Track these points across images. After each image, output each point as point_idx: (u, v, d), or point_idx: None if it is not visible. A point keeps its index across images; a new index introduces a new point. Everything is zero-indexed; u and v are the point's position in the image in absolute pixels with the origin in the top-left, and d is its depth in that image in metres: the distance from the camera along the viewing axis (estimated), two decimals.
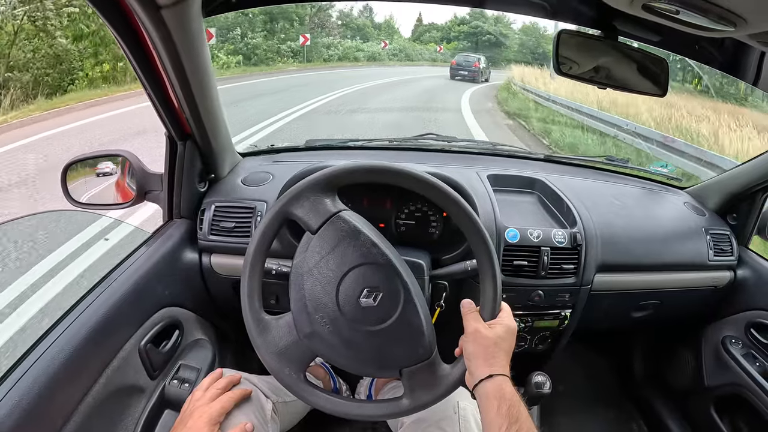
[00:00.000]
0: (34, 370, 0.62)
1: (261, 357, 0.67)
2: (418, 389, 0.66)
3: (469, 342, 0.64)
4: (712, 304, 1.20)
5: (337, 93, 9.44)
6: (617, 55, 0.85)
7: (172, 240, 0.94)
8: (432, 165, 1.05)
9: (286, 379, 0.66)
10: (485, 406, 0.59)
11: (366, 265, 0.65)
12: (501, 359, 0.62)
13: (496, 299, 0.66)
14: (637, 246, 1.06)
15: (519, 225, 0.96)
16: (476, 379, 0.61)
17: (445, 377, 0.66)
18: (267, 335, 0.67)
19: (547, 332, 1.06)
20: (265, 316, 0.68)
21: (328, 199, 0.67)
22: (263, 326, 0.67)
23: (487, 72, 14.67)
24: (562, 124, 7.11)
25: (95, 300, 0.75)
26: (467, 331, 0.66)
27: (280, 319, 0.68)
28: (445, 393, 0.66)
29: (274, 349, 0.66)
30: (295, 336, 0.66)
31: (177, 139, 0.90)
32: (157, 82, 0.77)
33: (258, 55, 15.23)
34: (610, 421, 1.38)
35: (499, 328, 0.64)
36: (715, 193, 1.22)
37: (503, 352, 0.63)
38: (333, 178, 0.67)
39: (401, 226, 1.02)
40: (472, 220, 0.66)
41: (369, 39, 20.78)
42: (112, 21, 0.63)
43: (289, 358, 0.66)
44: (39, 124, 6.19)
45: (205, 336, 1.01)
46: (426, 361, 0.66)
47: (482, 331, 0.64)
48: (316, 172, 0.67)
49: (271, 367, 0.67)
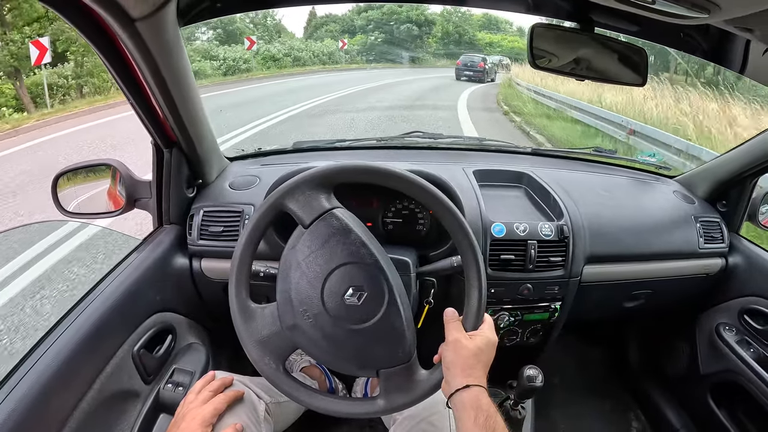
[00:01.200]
0: (27, 379, 0.63)
1: (243, 345, 0.68)
2: (394, 391, 0.67)
3: (449, 351, 0.65)
4: (704, 292, 1.20)
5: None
6: (596, 46, 0.85)
7: (162, 246, 0.96)
8: (418, 163, 1.06)
9: (266, 369, 0.67)
10: (462, 416, 0.59)
11: (353, 264, 0.65)
12: (479, 371, 0.62)
13: (480, 311, 0.67)
14: (626, 236, 1.06)
15: (505, 219, 0.97)
16: (453, 388, 0.61)
17: (421, 382, 0.67)
18: (251, 323, 0.67)
19: (538, 325, 1.06)
20: (251, 304, 0.69)
21: (323, 196, 0.68)
22: (249, 314, 0.68)
23: (493, 72, 14.74)
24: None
25: (87, 308, 0.76)
26: (448, 340, 0.66)
27: (265, 308, 0.68)
28: (421, 397, 0.67)
29: (257, 337, 0.67)
30: (278, 326, 0.66)
31: (163, 147, 0.91)
32: (138, 91, 0.78)
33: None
34: (607, 412, 1.38)
35: (479, 340, 0.65)
36: (704, 180, 1.22)
37: (482, 364, 0.63)
38: (331, 175, 0.68)
39: (389, 225, 1.02)
40: (461, 226, 0.67)
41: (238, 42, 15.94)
42: (89, 34, 0.64)
43: (270, 348, 0.67)
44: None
45: (198, 340, 1.02)
46: (404, 365, 0.66)
47: (462, 341, 0.64)
48: (314, 168, 0.68)
49: (252, 356, 0.67)
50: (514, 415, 0.92)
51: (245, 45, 15.13)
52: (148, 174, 0.99)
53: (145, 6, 0.60)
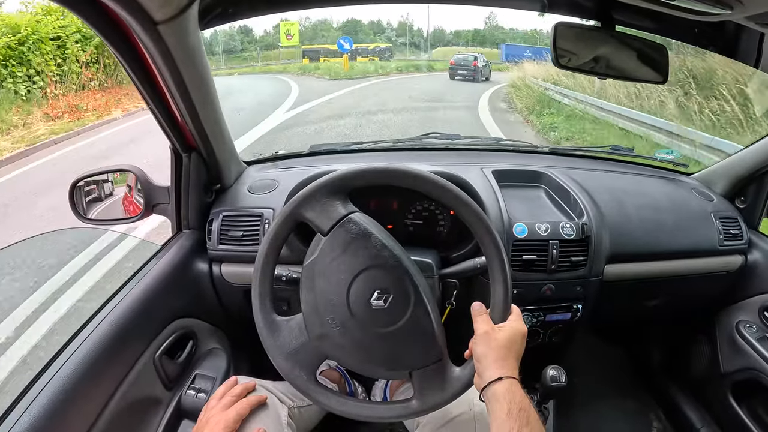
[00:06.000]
0: (49, 388, 0.63)
1: (272, 359, 0.67)
2: (427, 391, 0.66)
3: (479, 344, 0.64)
4: (724, 290, 1.19)
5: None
6: (616, 44, 0.84)
7: (182, 251, 0.95)
8: (437, 164, 1.05)
9: (297, 381, 0.66)
10: (495, 408, 0.58)
11: (376, 267, 0.65)
12: (511, 362, 0.61)
13: (507, 302, 0.66)
14: (645, 235, 1.05)
15: (526, 219, 0.96)
16: (485, 381, 0.60)
17: (454, 379, 0.66)
18: (278, 337, 0.67)
19: (561, 325, 1.05)
20: (276, 318, 0.68)
21: (339, 202, 0.67)
22: (274, 328, 0.67)
23: (486, 70, 14.68)
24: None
25: (107, 315, 0.76)
26: (477, 333, 0.65)
27: (290, 321, 0.68)
28: (455, 395, 0.66)
29: (285, 350, 0.66)
30: (306, 337, 0.66)
31: (182, 152, 0.91)
32: (158, 96, 0.77)
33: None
34: (628, 412, 1.37)
35: (509, 331, 0.64)
36: (722, 177, 1.21)
37: (513, 355, 0.63)
38: (344, 180, 0.67)
39: (409, 227, 1.02)
40: (482, 222, 0.66)
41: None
42: (110, 37, 0.63)
43: (300, 360, 0.66)
44: None
45: (219, 345, 1.01)
46: (436, 363, 0.66)
47: (492, 333, 0.64)
48: (327, 175, 0.67)
49: (282, 369, 0.67)
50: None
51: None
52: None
53: (169, 9, 0.59)
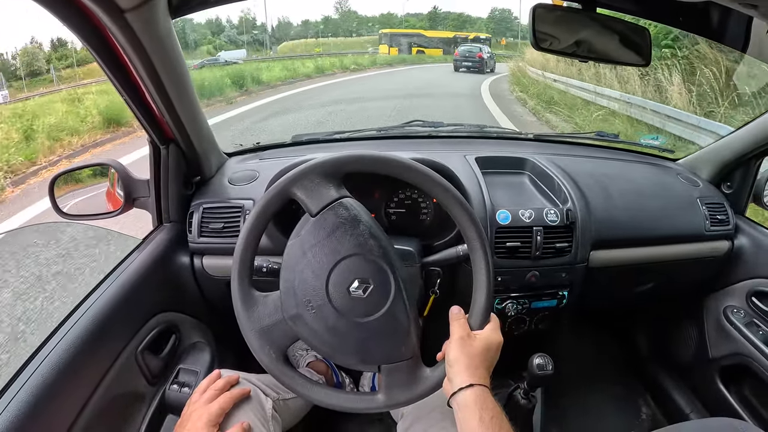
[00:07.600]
0: (29, 385, 0.62)
1: (244, 334, 0.66)
2: (395, 387, 0.65)
3: (453, 349, 0.63)
4: (711, 275, 1.19)
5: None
6: (597, 27, 0.83)
7: (163, 245, 0.94)
8: (419, 151, 1.04)
9: (266, 359, 0.65)
10: (465, 416, 0.57)
11: (360, 256, 0.64)
12: (482, 372, 0.61)
13: (487, 310, 0.66)
14: (631, 220, 1.05)
15: (510, 206, 0.95)
16: (456, 386, 0.59)
17: (424, 379, 0.65)
18: (252, 311, 0.66)
19: (547, 312, 1.05)
20: (253, 292, 0.67)
21: (332, 185, 0.66)
22: (250, 301, 0.66)
23: (491, 62, 14.64)
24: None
25: (87, 310, 0.75)
26: (453, 338, 0.64)
27: (267, 297, 0.67)
28: (422, 395, 0.65)
29: (258, 326, 0.65)
30: (280, 316, 0.65)
31: (159, 144, 0.89)
32: (132, 87, 0.76)
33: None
34: (617, 399, 1.37)
35: (484, 341, 0.64)
36: (708, 162, 1.21)
37: (486, 364, 0.62)
38: (341, 164, 0.66)
39: (392, 215, 1.01)
40: (473, 223, 0.66)
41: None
42: (78, 28, 0.62)
43: (271, 338, 0.65)
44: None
45: (203, 339, 1.00)
46: (406, 361, 0.65)
47: (467, 339, 0.63)
48: (325, 156, 0.66)
49: (252, 345, 0.66)
50: (524, 404, 0.92)
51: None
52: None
53: None
